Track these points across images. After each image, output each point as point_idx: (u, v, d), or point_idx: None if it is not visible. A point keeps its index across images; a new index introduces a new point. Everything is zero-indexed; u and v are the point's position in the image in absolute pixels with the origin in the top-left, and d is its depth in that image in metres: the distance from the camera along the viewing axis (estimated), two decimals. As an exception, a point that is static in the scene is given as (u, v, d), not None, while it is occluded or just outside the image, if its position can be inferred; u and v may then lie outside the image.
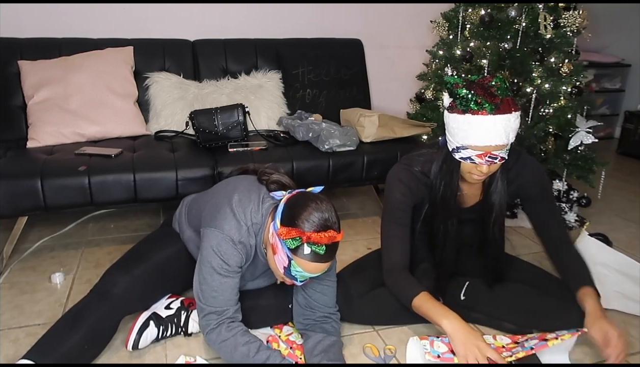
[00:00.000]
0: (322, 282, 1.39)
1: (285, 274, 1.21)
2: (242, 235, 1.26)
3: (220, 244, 1.24)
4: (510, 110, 1.25)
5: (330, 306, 1.41)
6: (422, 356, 1.38)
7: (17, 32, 2.32)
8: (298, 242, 1.15)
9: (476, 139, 1.26)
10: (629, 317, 1.62)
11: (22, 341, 1.44)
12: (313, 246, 1.14)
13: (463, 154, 1.32)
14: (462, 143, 1.30)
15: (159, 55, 2.47)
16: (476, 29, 2.33)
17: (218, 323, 1.25)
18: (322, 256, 1.16)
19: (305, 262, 1.17)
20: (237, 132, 2.21)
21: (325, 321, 1.40)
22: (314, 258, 1.16)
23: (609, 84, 4.15)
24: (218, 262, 1.24)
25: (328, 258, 1.18)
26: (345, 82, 2.70)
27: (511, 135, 1.28)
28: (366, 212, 2.54)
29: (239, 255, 1.26)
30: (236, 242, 1.25)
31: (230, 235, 1.24)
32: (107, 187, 1.80)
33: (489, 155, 1.28)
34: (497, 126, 1.24)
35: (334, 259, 1.25)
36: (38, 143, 2.07)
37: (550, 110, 2.23)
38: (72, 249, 2.07)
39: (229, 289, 1.26)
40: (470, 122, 1.26)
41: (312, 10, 2.85)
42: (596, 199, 2.65)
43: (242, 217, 1.26)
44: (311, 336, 1.38)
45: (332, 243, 1.17)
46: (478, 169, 1.32)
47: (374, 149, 2.17)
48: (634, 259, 1.79)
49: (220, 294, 1.25)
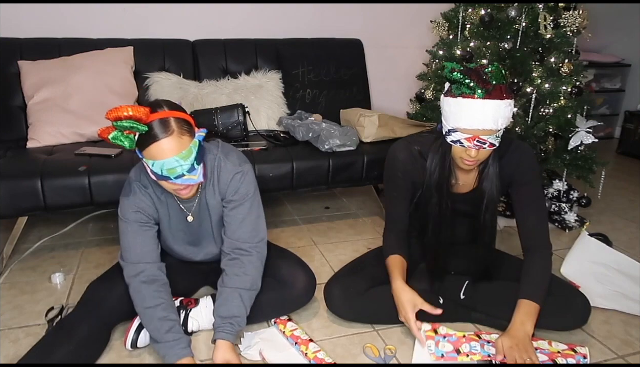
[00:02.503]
0: (235, 209, 1.39)
1: (157, 178, 1.23)
2: (134, 188, 1.36)
3: (120, 206, 1.37)
4: (501, 97, 1.27)
5: (242, 239, 1.40)
6: (427, 355, 1.39)
7: (17, 32, 2.32)
8: (123, 137, 1.14)
9: (465, 121, 1.30)
10: (629, 317, 1.62)
11: (22, 341, 1.44)
12: (134, 127, 1.13)
13: (453, 137, 1.34)
14: (453, 126, 1.33)
15: (159, 55, 2.47)
16: (476, 29, 2.33)
17: (136, 287, 1.33)
18: (151, 134, 1.16)
19: (147, 150, 1.18)
20: (237, 132, 2.21)
21: (239, 258, 1.39)
22: (148, 140, 1.16)
23: (609, 84, 4.15)
24: (123, 225, 1.37)
25: (161, 134, 1.16)
26: (345, 82, 2.70)
27: (500, 122, 1.29)
28: (366, 212, 2.54)
29: (134, 206, 1.35)
30: (129, 197, 1.35)
31: (125, 194, 1.36)
32: (107, 187, 1.80)
33: (477, 139, 1.30)
34: (486, 111, 1.27)
35: (187, 139, 1.21)
36: (38, 143, 2.07)
37: (550, 110, 2.23)
38: (72, 249, 2.07)
39: (139, 246, 1.35)
40: (460, 104, 1.29)
41: (312, 10, 2.85)
42: (596, 199, 2.65)
43: (135, 176, 1.37)
44: (220, 285, 1.39)
45: (160, 119, 1.16)
46: (467, 152, 1.34)
47: (374, 149, 2.17)
48: (634, 259, 1.79)
49: (131, 249, 1.35)
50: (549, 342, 1.41)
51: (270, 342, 1.44)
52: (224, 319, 1.32)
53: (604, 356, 1.43)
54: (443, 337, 1.43)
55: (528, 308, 1.37)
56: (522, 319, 1.36)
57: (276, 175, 2.01)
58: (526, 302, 1.38)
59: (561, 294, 1.47)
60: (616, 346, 1.48)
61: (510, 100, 1.30)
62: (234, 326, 1.32)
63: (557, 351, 1.37)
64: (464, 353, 1.37)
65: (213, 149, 1.38)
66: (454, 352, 1.38)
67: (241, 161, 1.41)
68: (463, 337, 1.42)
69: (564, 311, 1.46)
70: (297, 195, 2.75)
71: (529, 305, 1.37)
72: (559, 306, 1.45)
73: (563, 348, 1.38)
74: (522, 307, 1.38)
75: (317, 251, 2.08)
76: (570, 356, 1.35)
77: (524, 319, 1.36)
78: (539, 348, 1.38)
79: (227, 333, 1.31)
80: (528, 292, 1.40)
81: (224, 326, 1.31)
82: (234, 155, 1.41)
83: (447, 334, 1.45)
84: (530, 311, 1.37)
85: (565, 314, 1.46)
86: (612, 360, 1.42)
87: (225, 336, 1.31)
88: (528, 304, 1.38)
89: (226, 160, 1.38)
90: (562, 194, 2.41)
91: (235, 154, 1.42)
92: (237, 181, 1.38)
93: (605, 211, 2.58)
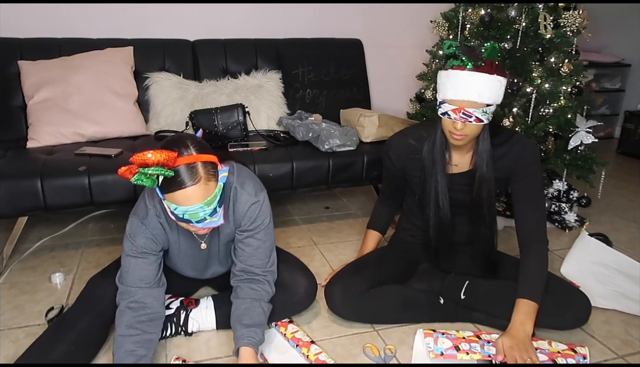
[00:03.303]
0: (250, 239, 1.38)
1: (178, 220, 1.20)
2: (150, 214, 1.31)
3: (131, 225, 1.32)
4: (491, 72, 1.31)
5: (256, 265, 1.39)
6: (426, 354, 1.39)
7: (17, 32, 2.32)
8: (146, 178, 1.10)
9: (452, 92, 1.35)
10: (629, 317, 1.62)
11: (22, 341, 1.44)
12: (160, 172, 1.09)
13: (442, 109, 1.39)
14: (442, 97, 1.38)
15: (159, 55, 2.47)
16: (476, 29, 2.32)
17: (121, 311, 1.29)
18: (177, 180, 1.11)
19: (171, 195, 1.13)
20: (237, 132, 2.21)
21: (252, 280, 1.39)
22: (173, 186, 1.11)
23: (609, 84, 4.15)
24: (128, 245, 1.31)
25: (189, 181, 1.11)
26: (345, 82, 2.70)
27: (486, 96, 1.32)
28: (366, 212, 2.53)
29: (147, 231, 1.31)
30: (144, 221, 1.31)
31: (138, 215, 1.31)
32: (107, 187, 1.80)
33: (463, 111, 1.34)
34: (474, 83, 1.31)
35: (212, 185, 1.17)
36: (38, 143, 2.07)
37: (550, 110, 2.23)
38: (72, 249, 2.07)
39: (138, 270, 1.31)
40: (449, 75, 1.35)
41: (312, 10, 2.85)
42: (596, 199, 2.65)
43: (150, 199, 1.32)
44: (233, 301, 1.38)
45: (187, 165, 1.11)
46: (454, 125, 1.37)
47: (374, 149, 2.17)
48: (634, 259, 1.80)
49: (130, 273, 1.31)
50: (549, 342, 1.41)
51: (272, 345, 1.44)
52: (249, 327, 1.31)
53: (604, 356, 1.43)
54: (442, 334, 1.43)
55: (527, 308, 1.37)
56: (522, 319, 1.36)
57: (276, 175, 2.01)
58: (525, 302, 1.38)
59: (561, 293, 1.47)
60: (616, 346, 1.48)
61: (500, 77, 1.33)
62: (257, 334, 1.31)
63: (557, 351, 1.37)
64: (463, 351, 1.37)
65: (229, 177, 1.32)
66: (453, 349, 1.38)
67: (257, 190, 1.37)
68: (463, 339, 1.42)
69: (564, 310, 1.46)
70: (297, 195, 2.75)
71: (528, 304, 1.38)
72: (559, 305, 1.45)
73: (563, 348, 1.38)
74: (521, 307, 1.38)
75: (317, 251, 2.08)
76: (570, 356, 1.35)
77: (523, 319, 1.36)
78: (539, 348, 1.38)
79: (252, 339, 1.30)
80: (526, 291, 1.40)
81: (248, 333, 1.30)
82: (249, 184, 1.36)
83: (446, 332, 1.45)
84: (530, 310, 1.37)
85: (566, 313, 1.46)
86: (612, 360, 1.42)
87: (251, 342, 1.29)
88: (527, 303, 1.38)
89: (242, 191, 1.34)
90: (562, 194, 2.41)
91: (252, 182, 1.37)
92: (253, 211, 1.35)
93: (605, 211, 2.58)
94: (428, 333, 1.44)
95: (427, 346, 1.40)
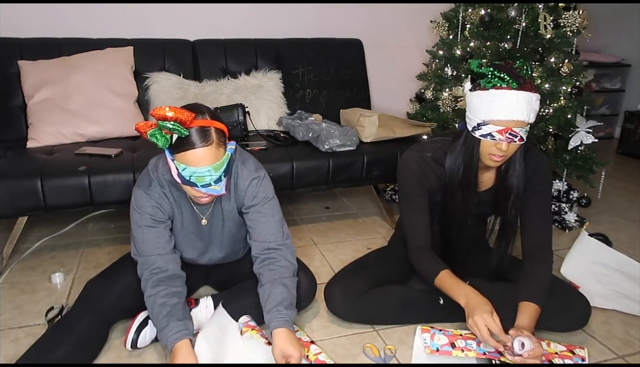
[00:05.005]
0: (257, 213, 1.41)
1: (183, 182, 1.22)
2: (154, 184, 1.35)
3: (136, 197, 1.36)
4: (532, 90, 1.28)
5: (269, 239, 1.42)
6: (422, 350, 1.39)
7: (17, 32, 2.32)
8: (160, 135, 1.14)
9: (498, 112, 1.27)
10: (629, 317, 1.62)
11: (22, 341, 1.44)
12: (176, 129, 1.12)
13: (484, 131, 1.31)
14: (484, 119, 1.30)
15: (159, 55, 2.47)
16: (476, 29, 2.33)
17: (146, 279, 1.33)
18: (190, 140, 1.15)
19: (182, 155, 1.17)
20: (237, 132, 2.21)
21: (271, 261, 1.39)
22: (185, 146, 1.16)
23: (609, 84, 4.15)
24: (137, 216, 1.35)
25: (202, 142, 1.16)
26: (345, 82, 2.70)
27: (532, 115, 1.29)
28: (366, 212, 2.54)
29: (152, 201, 1.34)
30: (148, 191, 1.34)
31: (141, 186, 1.35)
32: (107, 187, 1.80)
33: (509, 131, 1.28)
34: (520, 101, 1.26)
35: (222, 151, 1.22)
36: (38, 143, 2.07)
37: (550, 110, 2.23)
38: (72, 249, 2.07)
39: (153, 238, 1.35)
40: (493, 96, 1.28)
41: (312, 10, 2.85)
42: (596, 199, 2.65)
43: (153, 171, 1.36)
44: (259, 290, 1.38)
45: (200, 127, 1.16)
46: (497, 147, 1.31)
47: (374, 149, 2.17)
48: (634, 259, 1.79)
49: (145, 243, 1.35)
50: (547, 343, 1.40)
51: None
52: (271, 310, 1.30)
53: (604, 356, 1.43)
54: (439, 330, 1.43)
55: (532, 310, 1.37)
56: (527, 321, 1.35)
57: (276, 175, 2.00)
58: (530, 305, 1.37)
59: (561, 296, 1.47)
60: (616, 346, 1.48)
61: (538, 95, 1.30)
62: (281, 312, 1.29)
63: (555, 352, 1.37)
64: (459, 348, 1.37)
65: (234, 151, 1.37)
66: (448, 345, 1.37)
67: (257, 167, 1.43)
68: (460, 336, 1.42)
69: (564, 312, 1.46)
70: (297, 195, 2.75)
71: (532, 307, 1.37)
72: (559, 308, 1.45)
73: (561, 349, 1.38)
74: (526, 309, 1.37)
75: (317, 251, 2.08)
76: (567, 358, 1.35)
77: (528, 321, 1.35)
78: None
79: (279, 320, 1.28)
80: (531, 294, 1.39)
81: (272, 315, 1.29)
82: (250, 162, 1.43)
83: (444, 328, 1.45)
84: (533, 313, 1.37)
85: (566, 316, 1.46)
86: (612, 360, 1.42)
87: (279, 324, 1.27)
88: (532, 306, 1.37)
89: (243, 167, 1.40)
90: (562, 194, 2.42)
91: (252, 161, 1.44)
92: (254, 186, 1.40)
93: (605, 211, 2.58)
94: (425, 329, 1.44)
95: (424, 341, 1.40)
